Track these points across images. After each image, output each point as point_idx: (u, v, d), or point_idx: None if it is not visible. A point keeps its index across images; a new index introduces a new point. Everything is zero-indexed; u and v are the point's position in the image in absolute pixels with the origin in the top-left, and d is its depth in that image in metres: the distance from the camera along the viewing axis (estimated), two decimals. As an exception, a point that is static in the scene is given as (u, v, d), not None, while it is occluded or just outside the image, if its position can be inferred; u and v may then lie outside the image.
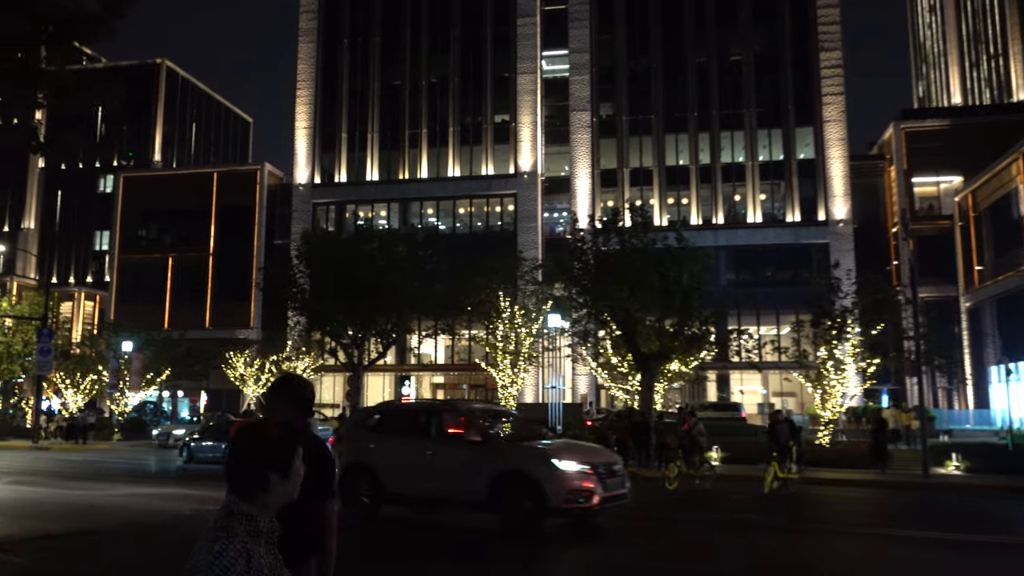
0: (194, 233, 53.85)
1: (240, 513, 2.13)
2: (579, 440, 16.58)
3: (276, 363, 41.97)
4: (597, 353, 30.11)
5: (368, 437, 12.93)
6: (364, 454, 12.46)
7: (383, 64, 52.30)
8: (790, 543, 11.05)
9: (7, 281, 63.12)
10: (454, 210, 50.50)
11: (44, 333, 29.02)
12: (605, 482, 11.01)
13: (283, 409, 3.48)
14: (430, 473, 11.75)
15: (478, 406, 14.57)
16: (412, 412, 13.94)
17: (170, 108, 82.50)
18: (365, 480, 12.16)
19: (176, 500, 15.21)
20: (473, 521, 11.90)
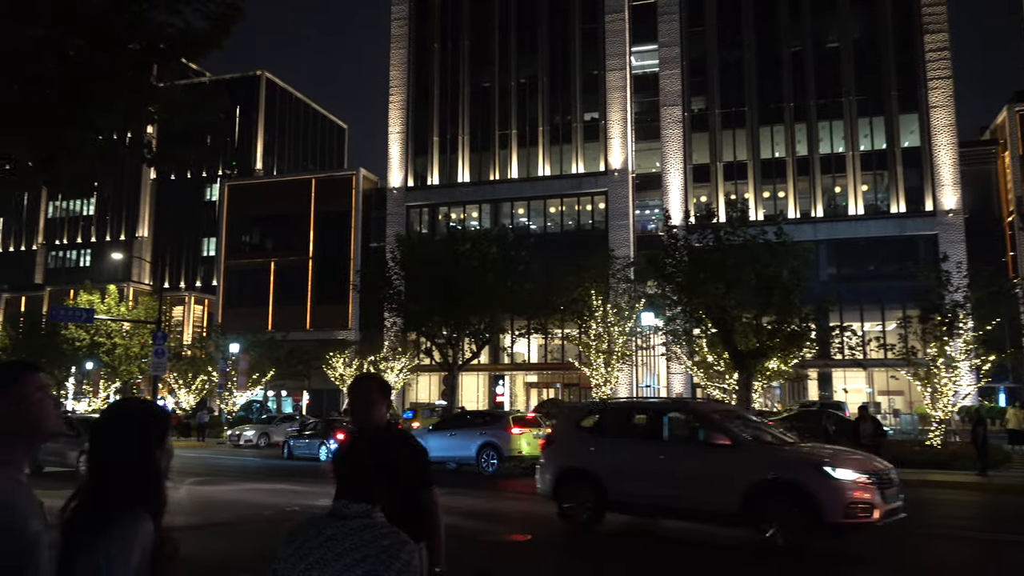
0: (294, 238, 55.70)
1: (383, 521, 2.29)
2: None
3: (374, 363, 42.99)
4: (692, 351, 29.63)
5: (586, 439, 12.07)
6: (582, 458, 11.64)
7: (472, 66, 52.85)
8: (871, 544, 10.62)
9: (124, 287, 66.84)
10: (545, 209, 50.58)
11: (158, 336, 30.58)
12: (884, 493, 9.66)
13: (377, 404, 3.68)
14: (665, 480, 10.72)
15: (713, 405, 13.69)
16: (638, 412, 12.86)
17: (270, 118, 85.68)
18: (584, 486, 11.33)
19: (282, 495, 15.82)
20: (714, 535, 10.83)
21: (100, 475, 2.15)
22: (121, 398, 2.28)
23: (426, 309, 31.16)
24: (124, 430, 2.19)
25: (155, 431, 2.22)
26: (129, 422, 2.21)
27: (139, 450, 2.16)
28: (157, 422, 2.24)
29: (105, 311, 48.89)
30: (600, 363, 32.71)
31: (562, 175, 49.94)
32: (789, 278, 24.44)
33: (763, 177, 46.77)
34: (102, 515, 2.06)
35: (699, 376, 30.41)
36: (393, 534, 2.23)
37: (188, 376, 45.66)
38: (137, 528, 2.04)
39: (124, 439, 2.17)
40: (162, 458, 2.20)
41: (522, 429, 21.53)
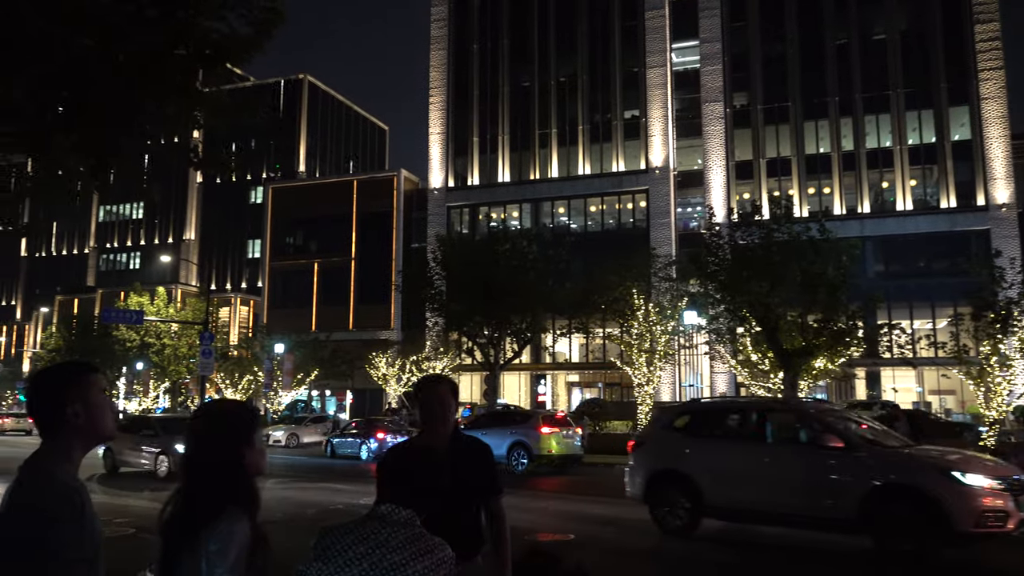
0: (337, 239, 56.32)
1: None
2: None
3: (416, 363, 43.28)
4: (736, 350, 29.26)
5: (680, 440, 11.53)
6: (676, 460, 11.17)
7: (511, 66, 52.89)
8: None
9: (172, 289, 68.23)
10: (585, 208, 50.42)
11: (205, 336, 31.13)
12: (1018, 500, 9.02)
13: (451, 411, 3.57)
14: (771, 484, 10.17)
15: (817, 404, 13.00)
16: (737, 412, 12.19)
17: (312, 121, 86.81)
18: (679, 490, 10.86)
19: (327, 493, 16.01)
20: (816, 541, 10.21)
21: (195, 475, 2.17)
22: (213, 399, 2.31)
23: (467, 309, 31.27)
24: (216, 430, 2.22)
25: (245, 430, 2.23)
26: (220, 422, 2.24)
27: (231, 450, 2.17)
28: (247, 421, 2.26)
29: (154, 312, 49.97)
30: (642, 362, 32.47)
31: (602, 173, 49.73)
32: (835, 275, 24.02)
33: (808, 173, 46.03)
34: (201, 516, 2.09)
35: (743, 375, 30.01)
36: (440, 547, 2.25)
37: (235, 376, 46.43)
38: (234, 528, 2.07)
39: (216, 439, 2.20)
40: (252, 456, 2.21)
41: (552, 428, 21.74)
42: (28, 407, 2.29)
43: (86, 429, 2.23)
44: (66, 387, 2.24)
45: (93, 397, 2.24)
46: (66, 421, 2.21)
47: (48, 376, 2.30)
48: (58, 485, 2.11)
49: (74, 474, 2.20)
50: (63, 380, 2.27)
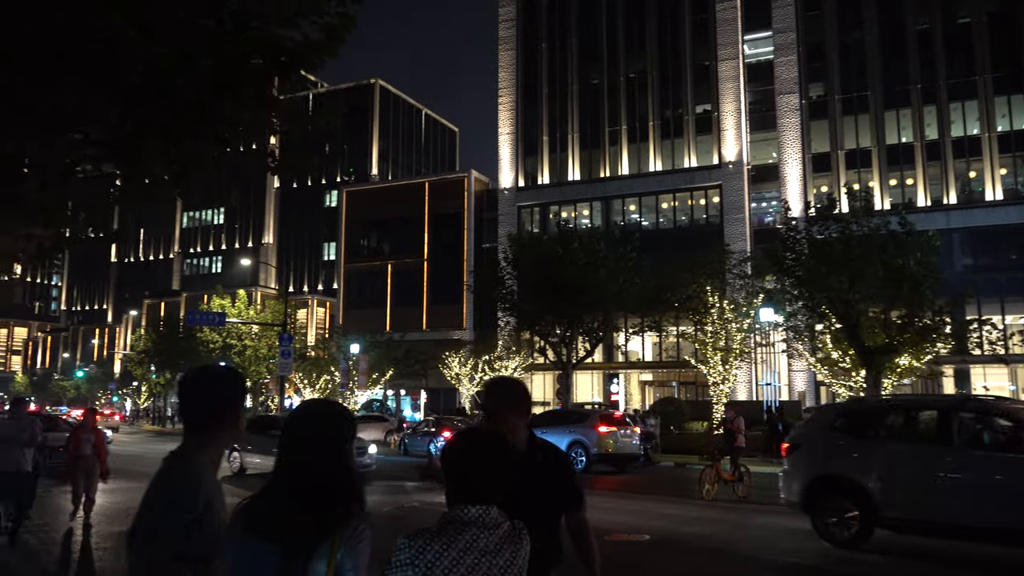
0: (409, 240, 57.05)
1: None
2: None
3: (488, 363, 43.51)
4: (815, 348, 28.51)
5: (844, 443, 10.54)
6: (840, 464, 10.26)
7: (580, 64, 52.68)
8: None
9: (252, 291, 70.26)
10: (657, 205, 49.85)
11: (284, 338, 31.96)
12: None
13: (504, 412, 3.30)
14: (968, 494, 9.05)
15: (1016, 403, 11.85)
16: (915, 411, 11.09)
17: (384, 124, 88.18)
18: (844, 498, 10.00)
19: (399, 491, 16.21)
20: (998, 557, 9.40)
21: (305, 476, 2.14)
22: (308, 399, 2.35)
23: (538, 308, 31.29)
24: (325, 430, 2.22)
25: (348, 430, 2.26)
26: (327, 422, 2.24)
27: (340, 450, 2.19)
28: (349, 422, 2.28)
29: (235, 315, 51.53)
30: (717, 361, 31.96)
31: (674, 169, 49.07)
32: (918, 269, 23.16)
33: (889, 164, 44.46)
34: (333, 516, 2.07)
35: (823, 374, 29.20)
36: (525, 533, 2.26)
37: (312, 376, 47.49)
38: (366, 527, 2.08)
39: (327, 440, 2.20)
40: (350, 455, 2.24)
41: (609, 427, 21.87)
42: (186, 404, 2.41)
43: (231, 429, 2.39)
44: (233, 392, 2.44)
45: (241, 401, 2.42)
46: (223, 424, 2.36)
47: (217, 378, 2.46)
48: (191, 477, 2.22)
49: (213, 471, 2.32)
50: (231, 385, 2.45)
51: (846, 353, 26.21)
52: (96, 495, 11.84)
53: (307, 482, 2.11)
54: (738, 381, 38.18)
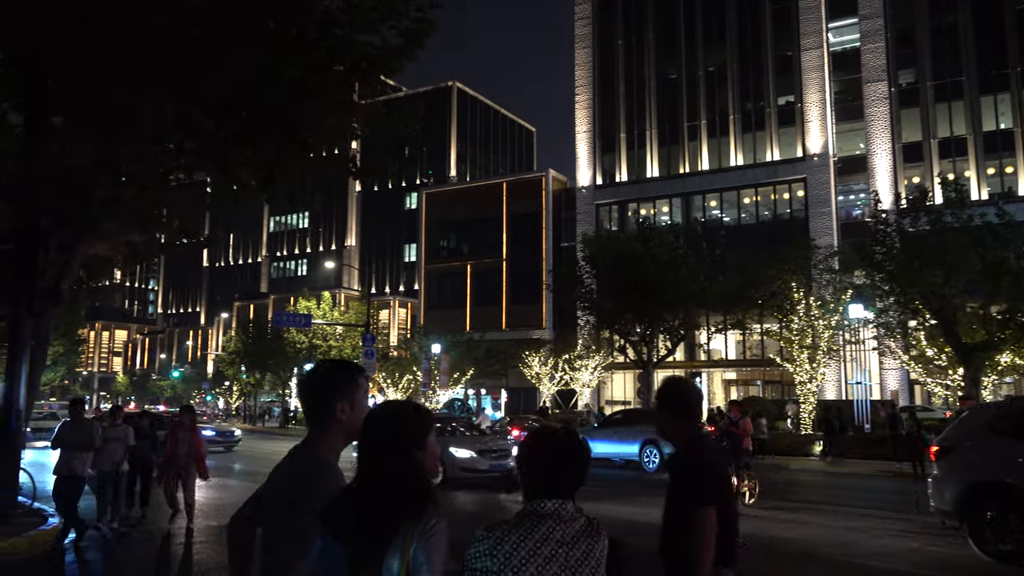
0: (488, 241, 57.43)
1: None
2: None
3: (568, 362, 43.42)
4: (908, 345, 27.44)
5: (1007, 447, 9.56)
6: (1003, 470, 9.35)
7: (658, 60, 52.03)
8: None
9: (336, 293, 71.95)
10: (739, 200, 48.81)
11: (368, 338, 32.61)
12: None
13: (675, 416, 3.46)
14: None
15: None
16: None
17: (462, 126, 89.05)
18: (1008, 508, 9.09)
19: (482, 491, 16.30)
20: None
21: (379, 476, 2.15)
22: (385, 400, 2.42)
23: (618, 307, 31.06)
24: (397, 431, 2.21)
25: (420, 430, 2.24)
26: (399, 422, 2.24)
27: (412, 449, 2.18)
28: (421, 421, 2.26)
29: (321, 316, 52.86)
30: (804, 359, 31.07)
31: (756, 164, 47.96)
32: (1018, 262, 22.02)
33: (986, 152, 42.38)
34: (406, 515, 2.06)
35: (917, 372, 28.08)
36: (601, 528, 2.26)
37: (395, 376, 48.29)
38: (441, 525, 2.06)
39: (399, 440, 2.19)
40: (424, 457, 2.20)
41: (711, 428, 21.45)
42: (300, 399, 2.56)
43: (349, 425, 2.44)
44: (336, 384, 2.50)
45: (358, 397, 2.46)
46: (333, 415, 2.43)
47: (321, 373, 2.57)
48: (319, 468, 2.35)
49: (335, 462, 2.42)
50: (334, 378, 2.52)
51: (942, 350, 25.16)
52: (194, 497, 11.28)
53: (381, 483, 2.12)
54: (826, 380, 37.06)
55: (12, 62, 12.04)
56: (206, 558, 9.52)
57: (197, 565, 9.21)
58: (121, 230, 13.32)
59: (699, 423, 3.48)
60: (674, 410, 3.45)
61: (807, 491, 17.49)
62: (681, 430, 3.43)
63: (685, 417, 3.45)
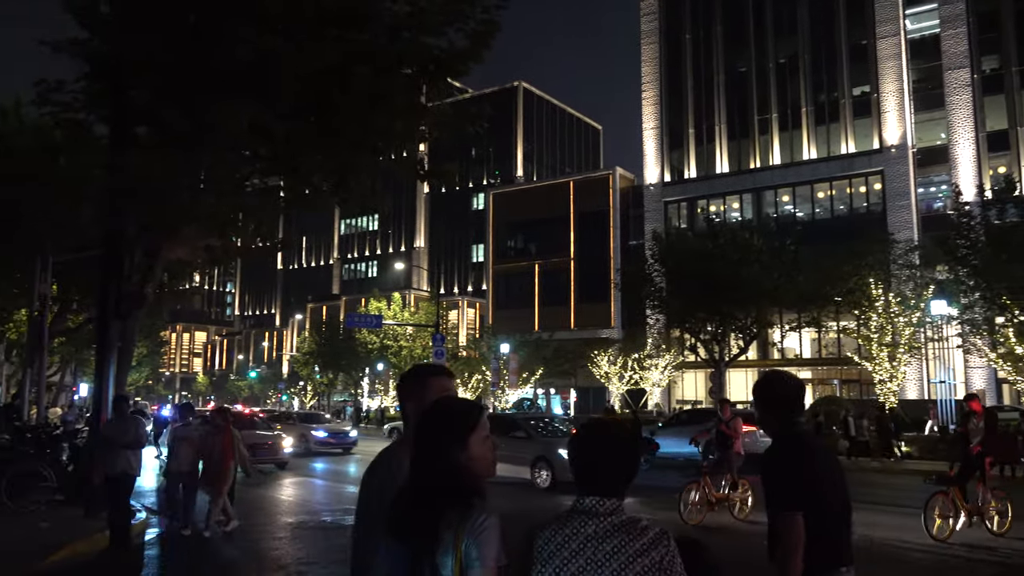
0: (556, 240, 57.36)
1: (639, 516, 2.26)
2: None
3: (638, 361, 43.05)
4: (995, 342, 26.30)
5: None
6: None
7: (726, 53, 51.12)
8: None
9: (406, 294, 72.90)
10: (812, 195, 47.57)
11: (437, 338, 32.95)
12: None
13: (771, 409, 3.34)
14: None
15: None
16: None
17: (528, 125, 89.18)
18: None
19: (543, 493, 16.28)
20: None
21: (429, 475, 2.15)
22: (438, 398, 2.42)
23: (688, 305, 30.65)
24: (446, 428, 2.20)
25: (460, 426, 2.21)
26: (449, 420, 2.23)
27: (446, 448, 2.16)
28: (463, 420, 2.23)
29: (391, 317, 53.65)
30: (883, 357, 30.09)
31: (830, 157, 46.67)
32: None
33: (1079, 139, 40.33)
34: (455, 512, 2.06)
35: (1005, 370, 26.89)
36: (650, 528, 2.19)
37: (464, 375, 48.64)
38: (490, 520, 2.05)
39: (448, 438, 2.18)
40: (460, 455, 2.16)
41: (750, 428, 21.18)
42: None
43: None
44: (404, 386, 2.59)
45: (429, 397, 2.44)
46: (405, 415, 2.52)
47: (401, 376, 2.67)
48: (381, 465, 2.45)
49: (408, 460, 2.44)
50: (404, 379, 2.62)
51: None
52: (222, 499, 10.73)
53: (431, 481, 2.13)
54: (907, 379, 35.84)
55: (97, 75, 12.56)
56: (284, 554, 9.75)
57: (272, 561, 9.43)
58: (200, 235, 13.76)
59: (794, 417, 3.28)
60: (761, 403, 3.31)
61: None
62: (768, 423, 3.31)
63: (771, 409, 3.28)
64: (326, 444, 26.43)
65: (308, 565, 9.23)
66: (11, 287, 25.35)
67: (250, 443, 19.17)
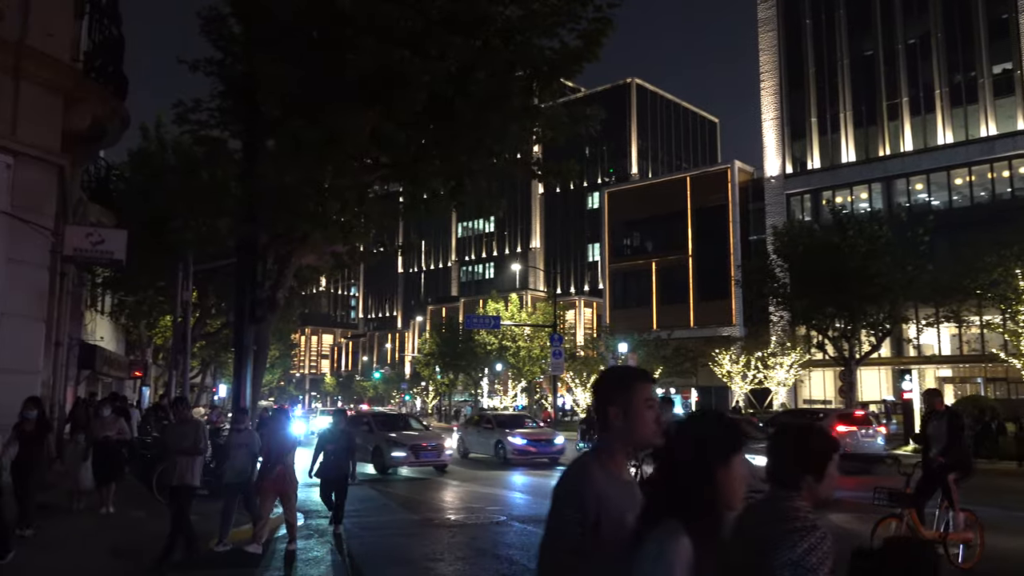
0: (673, 237, 56.39)
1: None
2: None
3: (761, 359, 41.77)
4: None
5: None
6: None
7: (850, 37, 48.85)
8: None
9: (523, 295, 73.44)
10: (948, 182, 44.78)
11: (555, 338, 33.05)
12: None
13: None
14: None
15: None
16: None
17: (642, 122, 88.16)
18: None
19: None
20: None
21: (667, 483, 2.12)
22: (695, 410, 2.37)
23: (815, 301, 29.48)
24: (690, 439, 2.15)
25: (728, 445, 2.12)
26: (712, 433, 2.16)
27: (717, 463, 2.08)
28: (732, 438, 2.15)
29: (509, 317, 54.19)
30: (1034, 353, 28.02)
31: (968, 141, 43.80)
32: None
33: None
34: (652, 520, 2.04)
35: None
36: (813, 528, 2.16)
37: (583, 376, 48.55)
38: (667, 541, 1.97)
39: (701, 449, 2.11)
40: (721, 474, 2.07)
41: (848, 427, 20.62)
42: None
43: (624, 432, 2.36)
44: (610, 390, 2.43)
45: (635, 403, 2.35)
46: (608, 422, 2.38)
47: (601, 378, 2.53)
48: (579, 477, 2.31)
49: (611, 469, 2.34)
50: (608, 383, 2.47)
51: None
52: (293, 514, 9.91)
53: (666, 492, 2.10)
54: (1061, 376, 33.23)
55: (230, 91, 13.30)
56: (409, 550, 9.99)
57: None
58: (327, 241, 14.34)
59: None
60: None
61: None
62: None
63: None
64: (525, 454, 22.39)
65: (434, 561, 9.44)
66: (157, 295, 27.23)
67: (412, 444, 19.74)
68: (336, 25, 11.05)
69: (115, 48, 12.89)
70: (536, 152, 27.67)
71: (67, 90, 11.48)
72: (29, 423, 9.68)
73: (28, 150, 10.85)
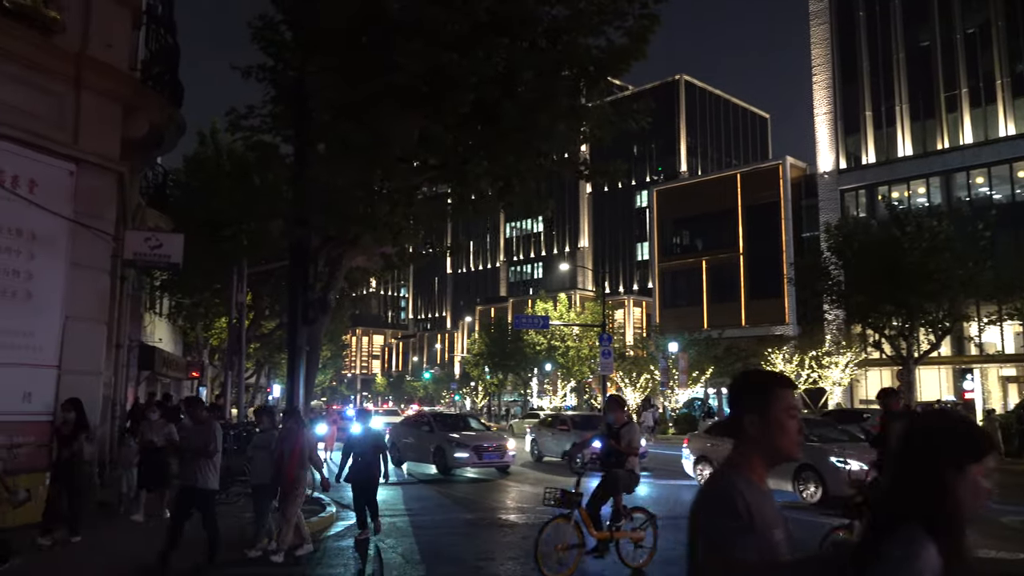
0: (723, 235, 55.69)
1: None
2: None
3: (816, 359, 40.98)
4: None
5: None
6: None
7: (906, 27, 47.64)
8: None
9: (571, 294, 73.28)
10: (1011, 175, 43.35)
11: (604, 338, 32.86)
12: None
13: None
14: None
15: None
16: None
17: (691, 119, 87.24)
18: None
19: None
20: None
21: (891, 487, 1.98)
22: (924, 411, 2.25)
23: (871, 299, 28.81)
24: (915, 444, 1.99)
25: (968, 450, 1.94)
26: (920, 436, 2.00)
27: (949, 469, 1.90)
28: (973, 442, 1.95)
29: (557, 317, 54.11)
30: (1103, 352, 26.99)
31: (1032, 132, 42.36)
32: None
33: None
34: (879, 528, 1.90)
35: None
36: None
37: (632, 375, 48.24)
38: (908, 552, 1.82)
39: (912, 454, 1.97)
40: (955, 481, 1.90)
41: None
42: None
43: (761, 441, 2.20)
44: (744, 395, 2.26)
45: (773, 411, 2.20)
46: (743, 429, 2.22)
47: (736, 382, 2.34)
48: (725, 488, 2.12)
49: (750, 477, 2.16)
50: (743, 388, 2.29)
51: None
52: (293, 516, 9.37)
53: (904, 507, 1.92)
54: None
55: (281, 97, 13.54)
56: (460, 549, 10.03)
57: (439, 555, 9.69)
58: (376, 243, 14.50)
59: None
60: None
61: None
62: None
63: None
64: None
65: (485, 561, 9.48)
66: (213, 298, 27.86)
67: (474, 444, 19.74)
68: (385, 29, 11.16)
69: (171, 56, 13.23)
70: (584, 152, 27.56)
71: (126, 98, 11.79)
72: (67, 425, 9.48)
73: (89, 157, 11.17)
